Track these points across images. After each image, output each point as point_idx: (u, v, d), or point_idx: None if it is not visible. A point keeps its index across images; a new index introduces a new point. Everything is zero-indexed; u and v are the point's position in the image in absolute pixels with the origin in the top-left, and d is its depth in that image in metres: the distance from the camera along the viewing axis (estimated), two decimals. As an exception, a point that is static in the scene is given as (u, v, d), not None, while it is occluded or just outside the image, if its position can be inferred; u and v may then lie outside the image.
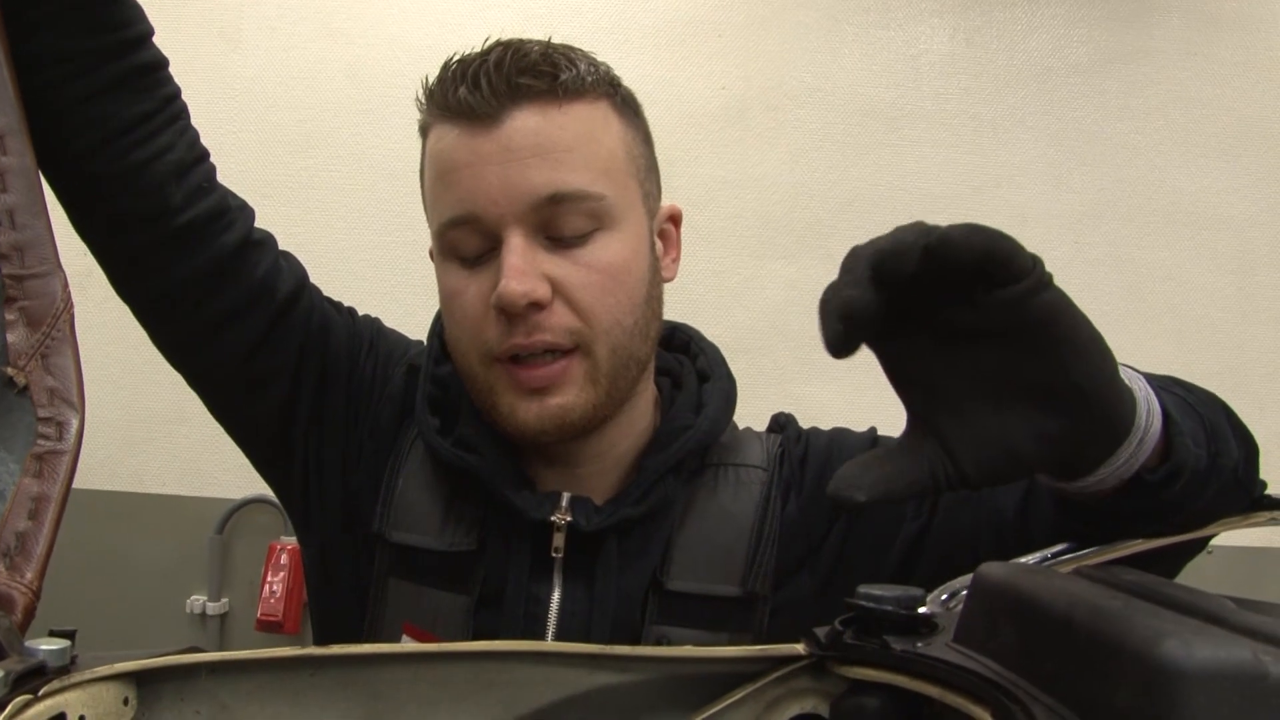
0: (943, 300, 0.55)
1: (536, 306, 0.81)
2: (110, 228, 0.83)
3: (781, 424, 0.99)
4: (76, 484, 2.36)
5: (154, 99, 0.82)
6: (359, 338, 0.97)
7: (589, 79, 0.84)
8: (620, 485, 0.91)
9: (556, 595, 0.87)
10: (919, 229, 0.53)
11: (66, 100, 0.78)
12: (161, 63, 0.83)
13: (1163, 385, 0.70)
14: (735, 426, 0.97)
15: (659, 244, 0.92)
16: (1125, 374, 0.63)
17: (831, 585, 0.89)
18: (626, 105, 0.89)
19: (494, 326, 0.83)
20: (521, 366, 0.83)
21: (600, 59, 0.88)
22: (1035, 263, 0.55)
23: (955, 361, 0.57)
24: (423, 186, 0.89)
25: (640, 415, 0.92)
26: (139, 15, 0.81)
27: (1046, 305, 0.55)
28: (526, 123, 0.81)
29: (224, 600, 2.31)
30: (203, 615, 2.30)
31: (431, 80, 0.86)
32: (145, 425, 2.25)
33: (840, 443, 0.95)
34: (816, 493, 0.91)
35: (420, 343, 0.98)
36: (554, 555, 0.86)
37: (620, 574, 0.86)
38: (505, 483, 0.86)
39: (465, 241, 0.84)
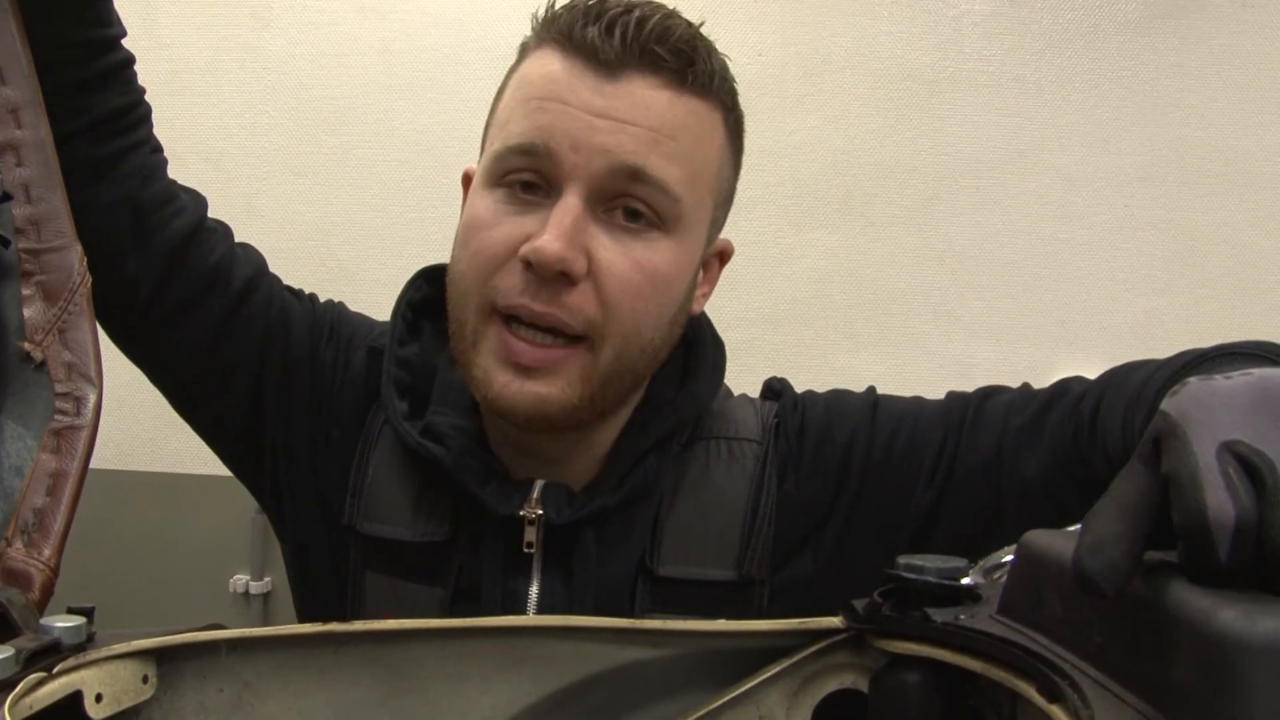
0: None
1: (566, 278, 0.75)
2: (77, 216, 0.81)
3: (776, 391, 0.94)
4: (118, 465, 2.38)
5: (133, 93, 0.84)
6: (320, 324, 0.93)
7: (717, 82, 0.81)
8: (599, 468, 0.86)
9: (534, 590, 0.83)
10: None
11: (56, 86, 0.78)
12: (134, 60, 0.84)
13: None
14: (729, 394, 0.93)
15: (700, 273, 0.87)
16: None
17: (838, 565, 0.86)
18: (736, 128, 0.85)
19: (510, 276, 0.77)
20: (517, 336, 0.77)
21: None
22: None
23: None
24: (495, 103, 0.84)
25: (624, 405, 0.87)
26: (118, 16, 0.83)
27: None
28: (644, 93, 0.77)
29: (267, 579, 2.33)
30: (246, 594, 2.32)
31: (559, 3, 0.82)
32: (187, 406, 2.26)
33: (837, 407, 0.90)
34: (816, 466, 0.87)
35: (385, 324, 0.94)
36: (527, 551, 0.82)
37: (602, 564, 0.83)
38: (472, 476, 0.82)
39: (520, 171, 0.78)
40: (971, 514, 0.83)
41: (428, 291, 0.93)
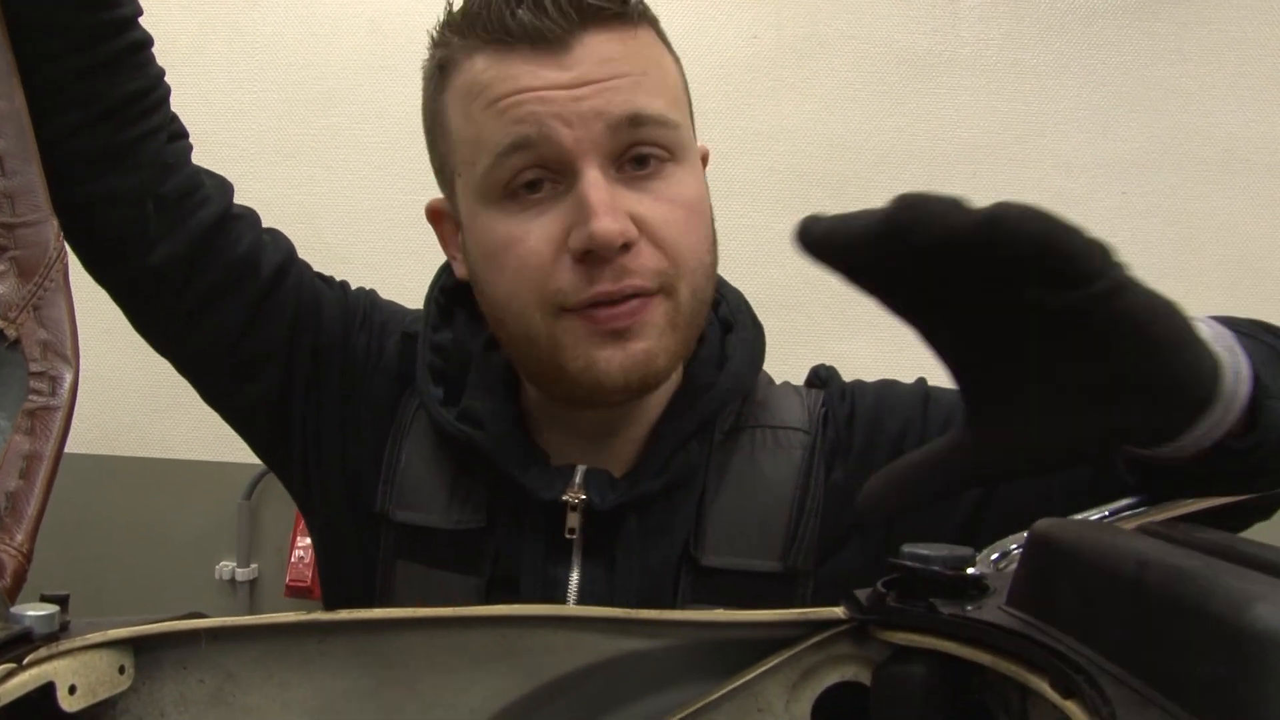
0: (988, 286, 0.48)
1: (626, 248, 0.74)
2: (91, 209, 0.79)
3: (823, 379, 0.92)
4: (102, 450, 2.36)
5: (146, 77, 0.80)
6: (352, 311, 0.92)
7: (641, 6, 0.79)
8: (642, 453, 0.85)
9: (575, 577, 0.81)
10: (956, 201, 0.45)
11: (60, 75, 0.75)
12: (149, 41, 0.81)
13: (1253, 333, 0.64)
14: (771, 382, 0.91)
15: None
16: (1209, 331, 0.57)
17: (883, 559, 0.84)
18: (664, 37, 0.84)
19: (568, 274, 0.74)
20: (601, 308, 0.75)
21: None
22: (1104, 261, 0.46)
23: (1004, 351, 0.51)
24: (438, 133, 0.82)
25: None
26: None
27: (1115, 313, 0.47)
28: (601, 48, 0.75)
29: (253, 566, 2.31)
30: (232, 581, 2.30)
31: (458, 9, 0.79)
32: (172, 390, 2.22)
33: (888, 397, 0.88)
34: (866, 456, 0.85)
35: (417, 311, 0.93)
36: (569, 536, 0.81)
37: (644, 551, 0.81)
38: (512, 460, 0.81)
39: (521, 174, 0.75)
40: (1021, 506, 0.80)
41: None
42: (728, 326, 0.90)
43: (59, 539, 2.15)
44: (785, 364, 0.96)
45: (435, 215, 0.88)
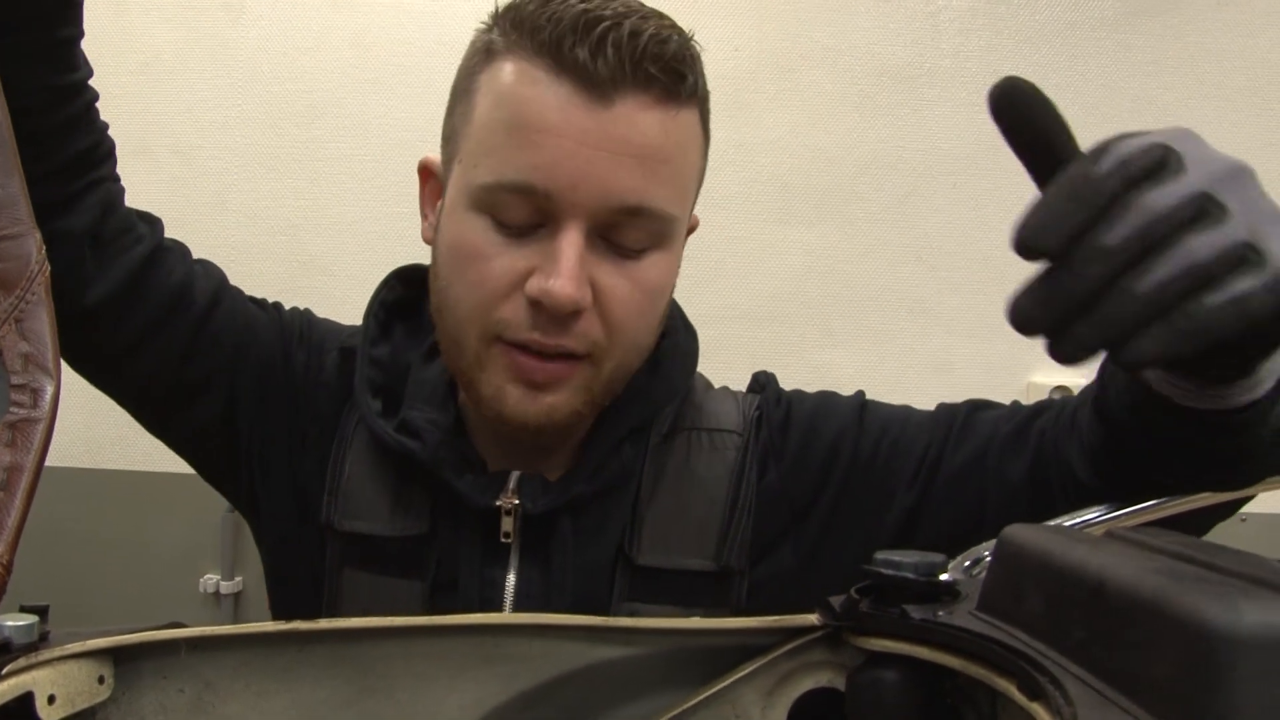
0: None
1: (575, 313, 0.76)
2: None
3: (762, 384, 0.94)
4: (87, 463, 2.34)
5: (96, 131, 0.82)
6: (289, 330, 0.94)
7: (701, 89, 0.79)
8: (574, 458, 0.87)
9: (512, 578, 0.83)
10: None
11: (24, 133, 0.74)
12: (97, 97, 0.82)
13: None
14: (710, 386, 0.94)
15: None
16: None
17: (818, 560, 0.86)
18: (707, 116, 0.83)
19: (516, 310, 0.76)
20: (528, 356, 0.77)
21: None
22: None
23: None
24: (461, 107, 0.81)
25: None
26: (84, 57, 0.79)
27: None
28: (641, 118, 0.74)
29: (238, 579, 2.30)
30: (216, 594, 2.29)
31: (528, 5, 0.76)
32: (157, 403, 2.24)
33: (824, 406, 0.91)
34: (800, 461, 0.87)
35: (354, 327, 0.94)
36: (504, 540, 0.83)
37: (579, 552, 0.83)
38: (448, 467, 0.83)
39: (513, 208, 0.75)
40: (953, 517, 0.83)
41: (402, 293, 0.94)
42: (662, 332, 0.90)
43: (45, 553, 2.14)
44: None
45: (425, 172, 0.89)
